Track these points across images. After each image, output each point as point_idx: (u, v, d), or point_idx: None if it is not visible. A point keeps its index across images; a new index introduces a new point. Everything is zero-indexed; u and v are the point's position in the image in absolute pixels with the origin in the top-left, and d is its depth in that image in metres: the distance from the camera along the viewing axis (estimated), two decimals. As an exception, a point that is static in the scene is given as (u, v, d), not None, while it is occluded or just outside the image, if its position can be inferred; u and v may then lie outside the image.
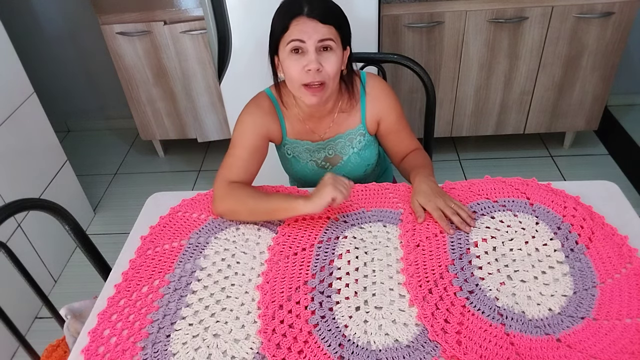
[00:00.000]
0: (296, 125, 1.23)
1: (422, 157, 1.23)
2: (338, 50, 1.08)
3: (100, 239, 2.13)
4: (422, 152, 1.27)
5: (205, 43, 2.19)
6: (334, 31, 1.05)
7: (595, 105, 2.29)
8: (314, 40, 1.04)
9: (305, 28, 1.04)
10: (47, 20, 2.63)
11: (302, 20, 1.04)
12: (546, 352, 0.81)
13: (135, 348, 0.88)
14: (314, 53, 1.05)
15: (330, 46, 1.06)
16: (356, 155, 1.26)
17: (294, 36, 1.05)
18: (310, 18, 1.03)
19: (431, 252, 0.99)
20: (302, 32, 1.04)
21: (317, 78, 1.07)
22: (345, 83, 1.19)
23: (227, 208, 1.12)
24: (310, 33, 1.04)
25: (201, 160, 2.73)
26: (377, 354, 0.83)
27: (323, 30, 1.04)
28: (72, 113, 3.01)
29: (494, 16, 2.03)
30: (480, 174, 1.35)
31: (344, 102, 1.22)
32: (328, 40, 1.05)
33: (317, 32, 1.04)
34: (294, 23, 1.04)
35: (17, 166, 1.89)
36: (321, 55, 1.06)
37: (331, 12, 1.06)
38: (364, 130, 1.24)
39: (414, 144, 1.28)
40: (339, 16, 1.08)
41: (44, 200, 1.13)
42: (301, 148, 1.26)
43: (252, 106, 1.20)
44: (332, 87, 1.11)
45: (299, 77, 1.07)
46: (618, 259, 0.95)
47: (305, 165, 1.28)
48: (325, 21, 1.04)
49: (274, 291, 0.94)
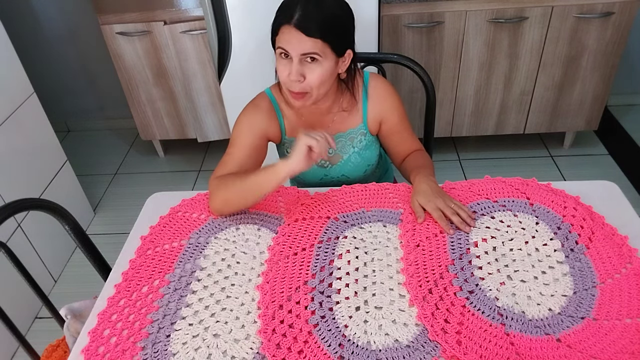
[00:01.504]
0: (296, 124, 1.23)
1: (423, 158, 1.24)
2: (326, 62, 1.05)
3: (100, 239, 2.13)
4: (423, 152, 1.27)
5: (205, 43, 2.19)
6: (319, 44, 1.03)
7: (595, 105, 2.29)
8: (297, 52, 1.03)
9: (289, 38, 1.03)
10: (47, 20, 2.63)
11: (287, 30, 1.02)
12: (546, 352, 0.81)
13: (135, 348, 0.88)
14: (297, 64, 1.04)
15: (315, 58, 1.04)
16: (357, 155, 1.26)
17: (280, 44, 1.05)
18: (297, 29, 1.01)
19: (431, 252, 0.99)
20: (287, 42, 1.03)
21: (297, 88, 1.07)
22: (345, 83, 1.19)
23: (220, 200, 1.11)
24: (294, 44, 1.03)
25: (201, 160, 2.73)
26: (377, 354, 0.83)
27: (307, 44, 1.02)
28: (72, 113, 3.01)
29: (494, 16, 2.03)
30: (480, 174, 1.35)
31: (345, 101, 1.22)
32: (311, 54, 1.03)
33: (300, 45, 1.02)
34: (282, 30, 1.04)
35: (17, 166, 1.89)
36: (305, 65, 1.05)
37: (321, 24, 1.02)
38: (365, 130, 1.24)
39: (415, 145, 1.28)
40: (331, 27, 1.04)
41: (44, 200, 1.13)
42: None
43: (249, 107, 1.21)
44: (318, 94, 1.10)
45: (285, 82, 1.09)
46: (618, 259, 0.95)
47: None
48: (311, 34, 1.01)
49: (274, 291, 0.94)
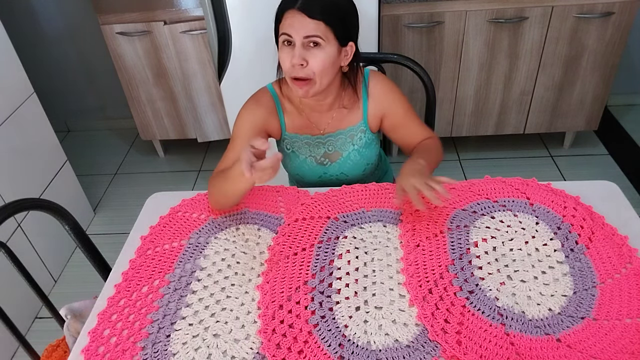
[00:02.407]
0: (296, 120, 1.23)
1: (428, 144, 1.21)
2: (328, 47, 1.06)
3: (100, 239, 2.13)
4: (431, 140, 1.23)
5: (205, 43, 2.19)
6: (322, 27, 1.04)
7: (595, 105, 2.29)
8: (300, 35, 1.04)
9: (293, 22, 1.04)
10: (47, 20, 2.63)
11: (291, 14, 1.04)
12: (546, 352, 0.81)
13: (135, 348, 0.88)
14: (300, 48, 1.05)
15: (318, 42, 1.05)
16: (356, 153, 1.26)
17: (284, 29, 1.06)
18: (300, 12, 1.03)
19: (431, 252, 0.99)
20: (290, 26, 1.04)
21: (301, 73, 1.07)
22: (348, 78, 1.18)
23: (212, 198, 1.12)
24: (297, 28, 1.04)
25: (201, 160, 2.73)
26: (377, 354, 0.83)
27: (310, 26, 1.03)
28: (72, 113, 3.01)
29: (494, 16, 2.03)
30: (480, 174, 1.35)
31: (346, 98, 1.22)
32: (314, 37, 1.04)
33: (303, 28, 1.03)
34: (286, 15, 1.05)
35: (17, 166, 1.89)
36: (308, 50, 1.06)
37: (324, 7, 1.04)
38: (365, 127, 1.24)
39: (425, 133, 1.25)
40: (334, 11, 1.05)
41: (44, 200, 1.13)
42: (300, 142, 1.25)
43: (250, 102, 1.22)
44: (321, 82, 1.09)
45: (288, 70, 1.09)
46: (618, 259, 0.95)
47: (304, 161, 1.27)
48: (314, 16, 1.03)
49: (274, 291, 0.94)
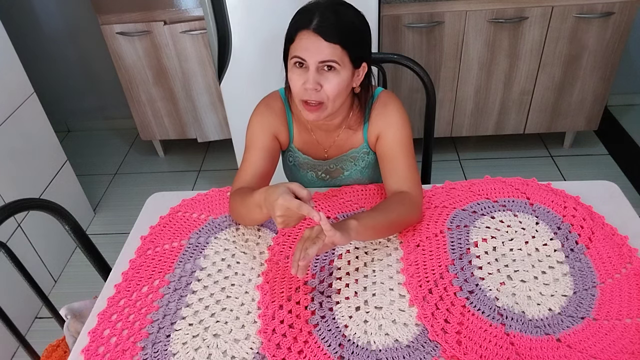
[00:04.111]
0: (303, 134, 1.19)
1: (398, 200, 1.04)
2: (343, 71, 1.00)
3: (100, 239, 2.13)
4: (407, 197, 1.05)
5: (205, 43, 2.19)
6: (339, 51, 0.98)
7: (595, 105, 2.29)
8: (315, 60, 0.98)
9: (308, 45, 0.98)
10: (47, 20, 2.63)
11: (306, 35, 0.97)
12: (546, 352, 0.81)
13: (135, 348, 0.88)
14: (315, 72, 0.99)
15: (333, 67, 0.99)
16: (358, 173, 1.22)
17: (297, 52, 0.99)
18: (316, 34, 0.96)
19: (431, 252, 0.99)
20: (304, 49, 0.98)
21: (314, 97, 1.01)
22: (359, 99, 1.13)
23: (233, 215, 1.11)
24: (312, 51, 0.98)
25: (201, 160, 2.73)
26: (377, 354, 0.83)
27: (327, 50, 0.97)
28: (72, 113, 3.01)
29: (494, 16, 2.03)
30: (480, 174, 1.35)
31: (353, 119, 1.15)
32: (330, 61, 0.98)
33: (319, 52, 0.97)
34: (299, 36, 0.99)
35: (17, 166, 1.89)
36: (322, 74, 1.00)
37: (341, 29, 0.98)
38: (367, 149, 1.18)
39: (408, 184, 1.07)
40: (350, 34, 0.99)
41: (44, 200, 1.13)
42: (302, 159, 1.22)
43: (262, 106, 1.17)
44: (332, 107, 1.04)
45: (299, 92, 1.03)
46: (618, 259, 0.95)
47: (305, 175, 1.25)
48: (330, 39, 0.96)
49: (274, 291, 0.94)
